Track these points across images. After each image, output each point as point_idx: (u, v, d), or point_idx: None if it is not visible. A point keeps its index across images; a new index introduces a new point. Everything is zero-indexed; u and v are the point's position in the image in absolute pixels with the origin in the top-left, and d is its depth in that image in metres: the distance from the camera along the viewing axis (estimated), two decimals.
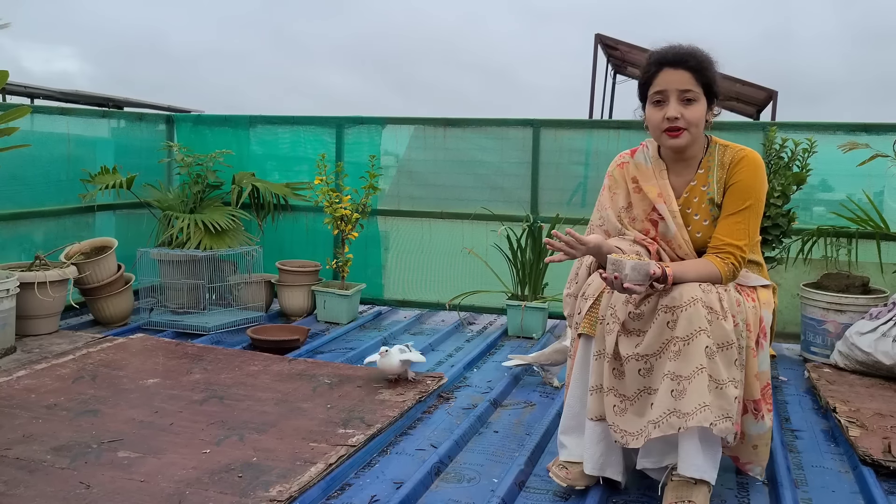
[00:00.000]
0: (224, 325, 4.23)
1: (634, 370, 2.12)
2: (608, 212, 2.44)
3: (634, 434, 2.11)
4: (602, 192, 2.49)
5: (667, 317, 2.09)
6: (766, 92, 10.94)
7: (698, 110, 2.21)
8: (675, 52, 2.23)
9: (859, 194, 4.15)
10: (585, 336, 2.25)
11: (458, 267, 4.94)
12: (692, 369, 2.04)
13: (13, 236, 4.31)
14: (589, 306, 2.24)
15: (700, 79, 2.21)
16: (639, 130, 4.59)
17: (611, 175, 2.47)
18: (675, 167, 2.36)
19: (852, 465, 2.59)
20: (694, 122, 2.21)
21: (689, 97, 2.20)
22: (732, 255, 2.21)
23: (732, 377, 2.09)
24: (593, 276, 2.31)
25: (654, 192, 2.33)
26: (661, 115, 2.22)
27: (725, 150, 2.31)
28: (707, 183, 2.30)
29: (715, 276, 2.19)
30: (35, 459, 2.35)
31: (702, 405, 2.02)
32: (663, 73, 2.22)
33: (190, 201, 4.77)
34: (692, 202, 2.32)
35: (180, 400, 2.94)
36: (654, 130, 2.29)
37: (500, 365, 3.64)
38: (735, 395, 2.08)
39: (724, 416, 2.04)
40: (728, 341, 2.09)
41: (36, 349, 3.63)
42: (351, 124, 5.10)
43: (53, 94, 10.82)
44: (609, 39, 12.18)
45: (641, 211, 2.36)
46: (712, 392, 2.04)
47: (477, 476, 2.45)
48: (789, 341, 4.32)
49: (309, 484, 2.24)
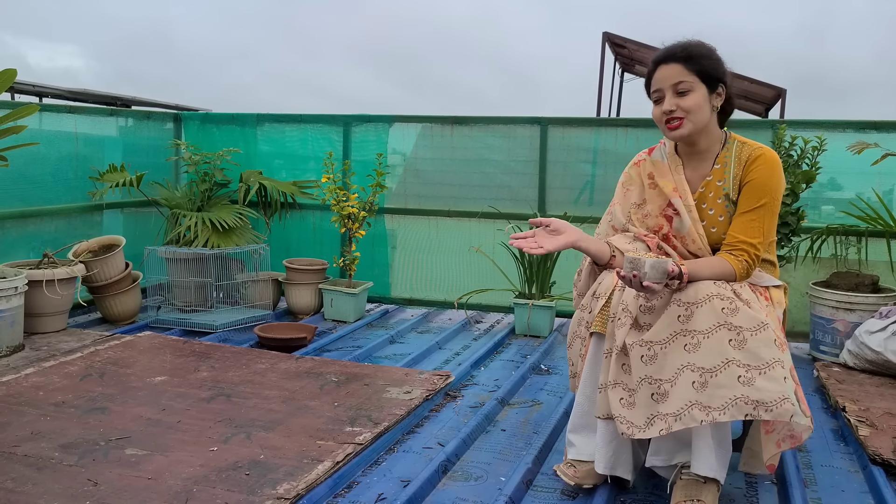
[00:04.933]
0: (231, 324, 4.23)
1: (637, 357, 2.09)
2: (616, 207, 2.46)
3: (641, 426, 2.07)
4: (616, 191, 2.53)
5: (679, 310, 2.06)
6: (774, 90, 10.90)
7: (694, 98, 2.23)
8: (666, 48, 2.30)
9: (869, 193, 4.12)
10: (598, 335, 2.23)
11: (466, 265, 4.93)
12: (718, 362, 1.98)
13: (22, 234, 4.32)
14: (601, 305, 2.23)
15: (691, 67, 2.23)
16: (646, 128, 4.60)
17: (626, 173, 2.50)
18: (691, 162, 2.37)
19: (862, 465, 2.58)
20: (691, 110, 2.23)
21: (682, 88, 2.24)
22: (746, 253, 2.20)
23: (777, 357, 1.98)
24: (604, 275, 2.30)
25: (669, 186, 2.34)
26: (660, 111, 2.28)
27: (743, 147, 2.31)
28: (723, 178, 2.31)
29: (729, 273, 2.18)
30: (43, 457, 2.35)
31: (733, 399, 1.94)
32: (658, 71, 2.28)
33: (197, 199, 4.78)
34: (707, 197, 2.32)
35: (188, 398, 2.95)
36: (659, 126, 2.32)
37: (508, 363, 3.63)
38: (784, 375, 1.97)
39: (781, 398, 1.93)
40: (760, 323, 2.01)
41: (44, 347, 3.64)
42: (358, 122, 5.09)
43: (61, 93, 10.86)
44: (617, 38, 12.15)
45: (656, 206, 2.36)
46: (758, 379, 1.95)
47: (484, 475, 2.44)
48: (798, 340, 4.30)
49: (316, 482, 2.24)
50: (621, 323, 2.14)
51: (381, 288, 5.11)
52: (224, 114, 5.38)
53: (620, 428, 2.11)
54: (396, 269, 5.13)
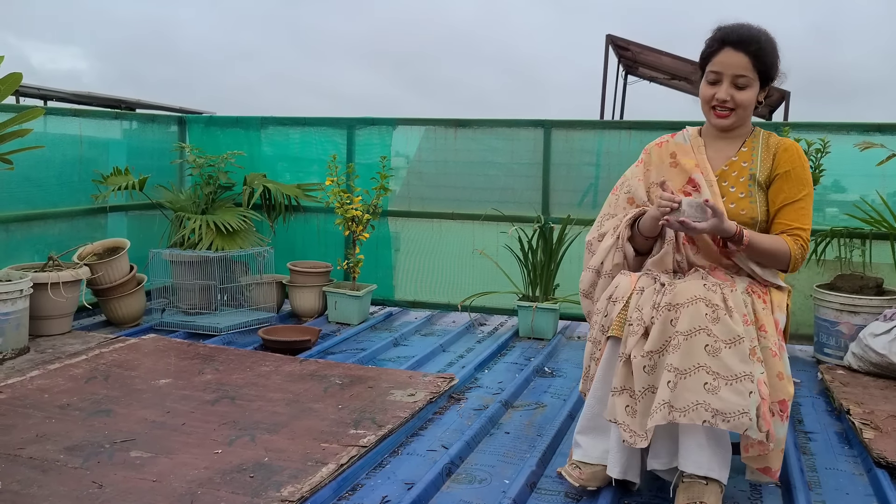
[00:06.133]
0: (235, 326, 4.24)
1: (640, 367, 2.11)
2: (638, 183, 2.50)
3: (643, 435, 2.10)
4: (631, 168, 2.57)
5: (669, 314, 2.10)
6: (778, 92, 10.88)
7: (749, 94, 2.30)
8: (738, 33, 2.29)
9: (873, 195, 4.12)
10: (614, 338, 2.23)
11: (469, 268, 4.94)
12: (690, 365, 2.02)
13: (27, 237, 4.34)
14: (619, 309, 2.23)
15: (757, 65, 2.28)
16: (650, 131, 4.60)
17: (647, 151, 2.54)
18: (715, 144, 2.44)
19: (866, 468, 2.57)
20: (743, 105, 2.30)
21: (742, 83, 2.29)
22: (801, 238, 2.29)
23: (747, 371, 2.02)
24: (619, 278, 2.31)
25: (691, 163, 2.40)
26: (712, 94, 2.32)
27: (770, 136, 2.40)
28: (749, 160, 2.37)
29: (785, 251, 2.26)
30: (48, 459, 2.36)
31: (695, 403, 1.99)
32: (723, 53, 2.29)
33: (202, 202, 4.79)
34: (730, 176, 2.37)
35: (192, 400, 2.95)
36: (704, 105, 2.37)
37: (511, 366, 3.63)
38: (751, 389, 2.01)
39: (740, 412, 1.98)
40: (736, 336, 2.05)
41: (49, 349, 3.65)
42: (362, 125, 5.10)
43: (66, 96, 10.88)
44: (620, 40, 12.15)
45: (676, 185, 2.40)
46: (722, 389, 1.99)
47: (488, 477, 2.44)
48: (802, 343, 4.29)
49: (320, 484, 2.25)
50: (633, 331, 2.14)
51: (385, 290, 5.11)
52: (228, 117, 5.39)
53: (623, 436, 2.12)
54: (400, 271, 5.13)
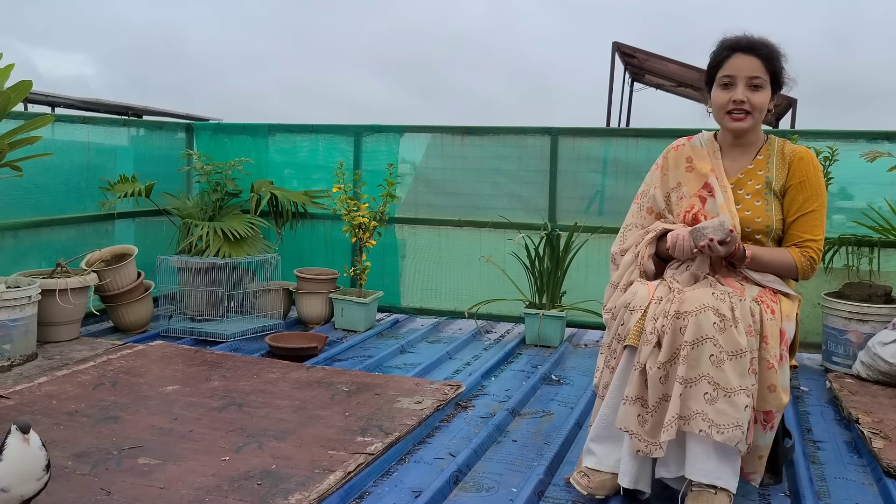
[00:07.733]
0: (242, 333, 4.24)
1: (655, 378, 2.12)
2: (657, 191, 2.52)
3: (656, 444, 2.10)
4: (650, 173, 2.58)
5: (679, 323, 2.11)
6: (785, 99, 10.87)
7: (764, 97, 2.33)
8: (747, 39, 2.34)
9: (881, 202, 4.11)
10: (630, 347, 2.23)
11: (476, 275, 4.93)
12: (695, 375, 2.06)
13: (35, 243, 4.35)
14: (637, 318, 2.23)
15: (769, 67, 2.31)
16: (657, 138, 4.60)
17: (664, 157, 2.56)
18: (731, 152, 2.45)
19: (876, 478, 2.56)
20: (759, 108, 2.33)
21: (756, 84, 2.31)
22: (811, 249, 2.30)
23: (744, 386, 2.07)
24: (636, 286, 2.31)
25: (707, 167, 2.42)
26: (728, 98, 2.33)
27: (784, 144, 2.42)
28: (765, 168, 2.39)
29: (790, 265, 2.28)
30: (56, 465, 2.36)
31: (695, 412, 2.04)
32: (735, 58, 2.33)
33: (209, 209, 4.80)
34: (745, 184, 2.39)
35: (199, 407, 2.95)
36: (718, 112, 2.39)
37: (518, 373, 3.62)
38: (746, 403, 2.06)
39: (734, 425, 2.03)
40: (739, 349, 2.08)
41: (57, 356, 3.66)
42: (369, 132, 5.11)
43: (74, 103, 10.94)
44: (626, 47, 12.16)
45: (692, 188, 2.42)
46: (720, 401, 2.03)
47: (496, 485, 2.44)
48: (811, 351, 4.27)
49: (328, 492, 2.24)
50: (647, 340, 2.14)
51: (392, 297, 5.11)
52: (235, 124, 5.41)
53: (637, 446, 2.12)
54: (407, 278, 5.13)
